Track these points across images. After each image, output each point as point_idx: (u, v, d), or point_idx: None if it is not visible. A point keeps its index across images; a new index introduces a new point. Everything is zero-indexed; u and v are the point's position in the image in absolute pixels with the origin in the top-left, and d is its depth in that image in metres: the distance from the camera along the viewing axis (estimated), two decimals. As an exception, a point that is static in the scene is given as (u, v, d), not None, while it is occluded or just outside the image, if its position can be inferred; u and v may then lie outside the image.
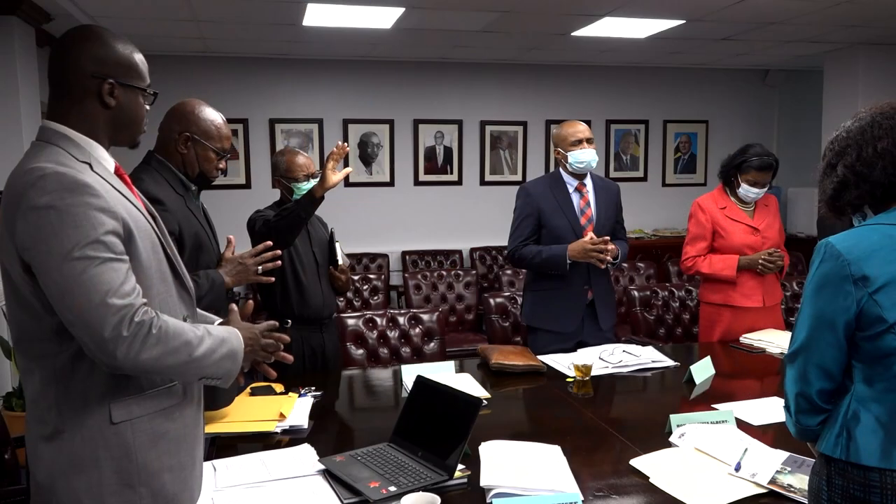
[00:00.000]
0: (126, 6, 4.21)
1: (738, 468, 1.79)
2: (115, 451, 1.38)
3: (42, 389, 1.39)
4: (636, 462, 1.87)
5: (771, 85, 7.16)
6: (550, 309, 3.12)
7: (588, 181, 3.19)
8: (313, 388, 2.51)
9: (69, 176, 1.32)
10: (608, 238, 3.02)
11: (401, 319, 3.34)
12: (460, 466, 1.79)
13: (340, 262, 2.98)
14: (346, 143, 2.60)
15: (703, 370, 2.66)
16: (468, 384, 2.54)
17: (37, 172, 1.31)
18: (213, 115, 2.31)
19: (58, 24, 4.87)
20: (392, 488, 1.69)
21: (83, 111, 1.43)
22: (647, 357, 2.89)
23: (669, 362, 2.87)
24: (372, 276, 5.21)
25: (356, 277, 5.11)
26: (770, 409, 2.27)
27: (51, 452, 1.38)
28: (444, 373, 2.61)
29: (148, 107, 1.54)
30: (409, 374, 2.58)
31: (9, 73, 4.23)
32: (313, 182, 2.90)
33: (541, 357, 2.89)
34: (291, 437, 2.12)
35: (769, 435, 2.07)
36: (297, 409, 2.30)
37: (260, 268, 2.33)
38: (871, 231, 1.41)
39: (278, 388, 2.48)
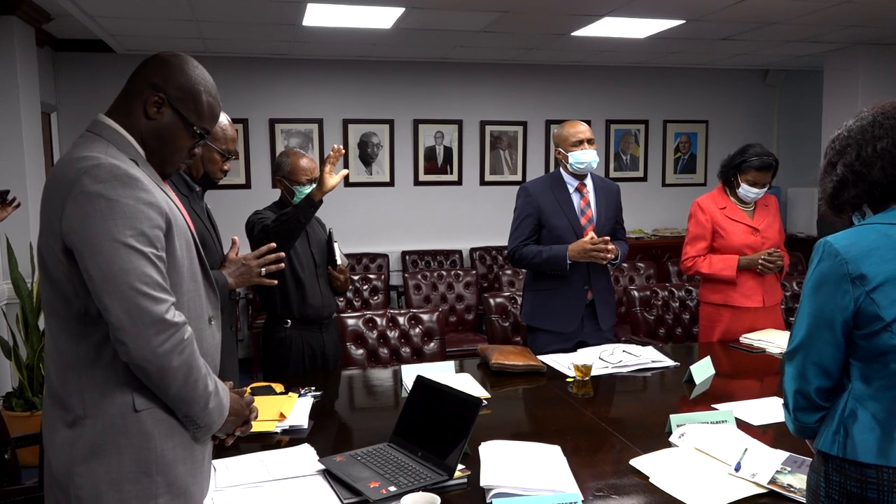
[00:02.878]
0: (126, 6, 4.21)
1: (738, 468, 1.79)
2: (135, 438, 1.40)
3: (65, 375, 1.41)
4: (636, 462, 1.87)
5: (771, 85, 7.16)
6: (550, 309, 3.12)
7: (588, 181, 3.19)
8: (313, 388, 2.52)
9: (122, 168, 1.38)
10: (608, 238, 3.02)
11: (401, 319, 3.34)
12: (460, 466, 1.80)
13: (339, 262, 2.98)
14: (341, 147, 2.60)
15: (703, 370, 2.66)
16: (468, 384, 2.54)
17: (91, 161, 1.37)
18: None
19: (58, 24, 4.87)
20: (392, 488, 1.69)
21: (129, 112, 1.51)
22: (647, 357, 2.89)
23: (669, 362, 2.87)
24: (372, 276, 5.21)
25: (356, 277, 5.11)
26: (770, 409, 2.27)
27: (71, 438, 1.40)
28: (444, 373, 2.61)
29: (197, 150, 1.61)
30: (409, 374, 2.59)
31: (9, 73, 4.23)
32: None
33: (541, 357, 2.89)
34: (291, 437, 2.12)
35: (769, 435, 2.07)
36: (297, 409, 2.30)
37: (263, 270, 2.34)
38: (869, 230, 1.41)
39: (278, 388, 2.48)
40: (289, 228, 2.67)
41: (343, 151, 2.61)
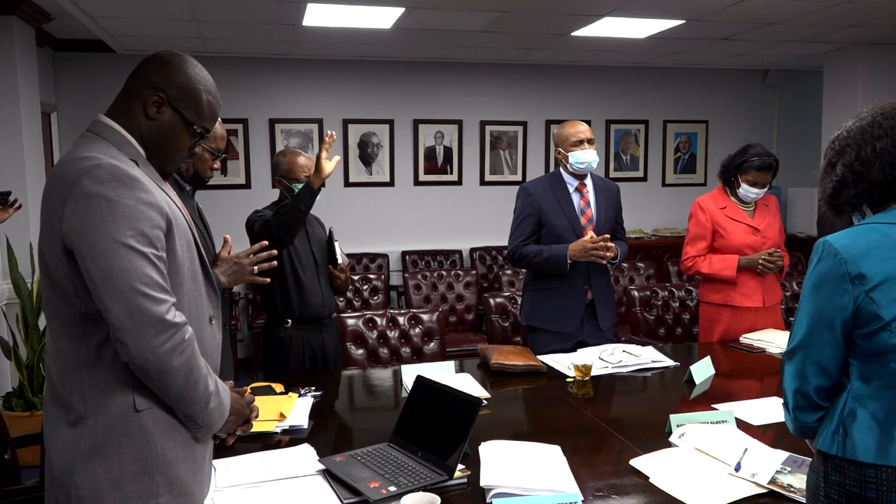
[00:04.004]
0: (126, 6, 4.21)
1: (738, 468, 1.79)
2: (136, 438, 1.41)
3: (67, 375, 1.41)
4: (636, 462, 1.87)
5: (771, 85, 7.16)
6: (550, 309, 3.12)
7: (588, 181, 3.19)
8: (313, 388, 2.52)
9: (122, 169, 1.38)
10: (608, 236, 3.02)
11: (401, 319, 3.34)
12: (460, 466, 1.80)
13: (340, 261, 2.98)
14: (333, 133, 2.65)
15: (703, 370, 2.66)
16: (468, 384, 2.54)
17: (92, 161, 1.37)
18: None
19: (58, 24, 4.87)
20: (392, 488, 1.69)
21: (129, 112, 1.51)
22: (647, 357, 2.89)
23: (669, 362, 2.87)
24: (372, 276, 5.22)
25: (356, 277, 5.11)
26: (770, 409, 2.27)
27: (72, 438, 1.40)
28: (444, 373, 2.61)
29: (196, 149, 1.62)
30: (409, 374, 2.58)
31: (9, 73, 4.23)
32: None
33: (541, 357, 2.89)
34: (291, 437, 2.12)
35: (769, 435, 2.07)
36: (297, 408, 2.30)
37: (256, 268, 2.33)
38: (868, 230, 1.42)
39: (278, 387, 2.48)
40: (290, 219, 2.67)
41: (335, 137, 2.64)
